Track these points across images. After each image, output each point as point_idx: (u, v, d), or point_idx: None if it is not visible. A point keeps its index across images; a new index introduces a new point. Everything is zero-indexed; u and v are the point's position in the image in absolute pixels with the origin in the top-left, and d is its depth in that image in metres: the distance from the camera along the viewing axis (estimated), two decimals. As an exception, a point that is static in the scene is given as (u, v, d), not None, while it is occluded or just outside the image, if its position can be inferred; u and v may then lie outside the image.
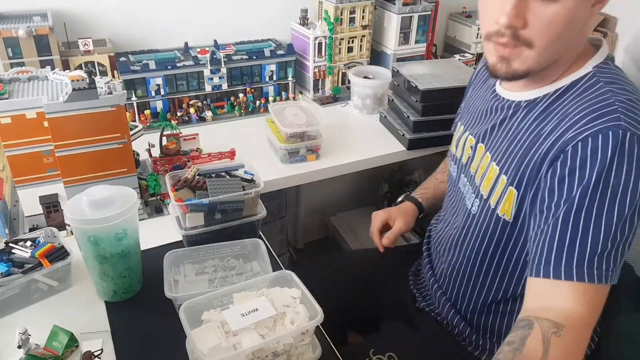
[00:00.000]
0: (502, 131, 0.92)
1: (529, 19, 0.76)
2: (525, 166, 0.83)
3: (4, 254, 0.97)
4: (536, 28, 0.77)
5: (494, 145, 0.93)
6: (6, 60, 1.42)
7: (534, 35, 0.77)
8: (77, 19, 1.59)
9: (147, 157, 1.34)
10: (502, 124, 0.92)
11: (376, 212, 1.23)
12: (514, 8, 0.75)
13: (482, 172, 0.94)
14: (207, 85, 1.63)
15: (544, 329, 0.71)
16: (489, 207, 0.91)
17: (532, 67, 0.81)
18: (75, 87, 1.00)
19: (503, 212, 0.88)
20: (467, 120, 1.06)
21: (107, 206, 0.91)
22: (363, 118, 1.72)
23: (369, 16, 1.79)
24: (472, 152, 0.99)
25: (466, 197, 1.00)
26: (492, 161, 0.91)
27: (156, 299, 0.94)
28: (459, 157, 1.05)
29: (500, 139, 0.91)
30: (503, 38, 0.79)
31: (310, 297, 0.86)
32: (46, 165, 1.08)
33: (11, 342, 0.85)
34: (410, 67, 1.57)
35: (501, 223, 0.89)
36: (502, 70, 0.82)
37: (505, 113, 0.92)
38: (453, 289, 1.05)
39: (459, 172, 1.05)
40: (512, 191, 0.86)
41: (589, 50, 0.87)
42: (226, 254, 1.06)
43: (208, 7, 1.74)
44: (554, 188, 0.77)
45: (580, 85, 0.83)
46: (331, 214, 2.33)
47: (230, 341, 0.80)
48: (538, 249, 0.77)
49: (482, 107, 1.01)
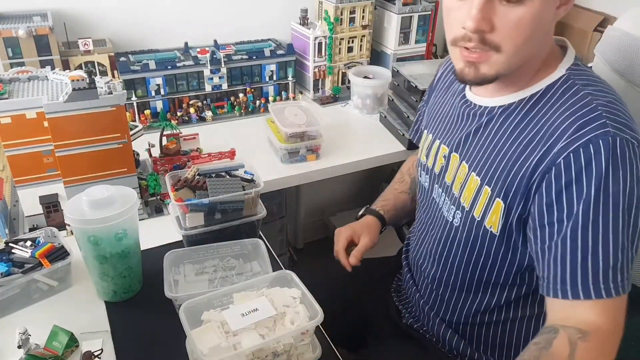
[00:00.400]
0: (478, 140, 0.89)
1: (496, 22, 0.75)
2: (512, 177, 0.82)
3: (4, 254, 0.97)
4: (503, 32, 0.75)
5: (471, 154, 0.90)
6: (6, 60, 1.42)
7: (501, 39, 0.76)
8: (77, 19, 1.59)
9: (147, 157, 1.34)
10: (477, 132, 0.90)
11: (338, 229, 1.18)
12: (480, 12, 0.74)
13: (461, 182, 0.92)
14: (207, 85, 1.63)
15: (570, 333, 0.72)
16: (474, 219, 0.89)
17: (501, 71, 0.79)
18: (75, 87, 1.00)
19: (490, 225, 0.86)
20: (434, 127, 1.03)
21: (107, 206, 0.91)
22: (363, 118, 1.72)
23: (369, 16, 1.79)
24: (445, 161, 0.97)
25: (443, 208, 0.97)
26: (472, 171, 0.89)
27: (156, 299, 0.94)
28: (430, 166, 1.02)
29: (477, 148, 0.89)
30: (470, 42, 0.77)
31: (311, 297, 0.86)
32: (46, 165, 1.08)
33: (11, 342, 0.85)
34: (410, 67, 1.58)
35: (488, 235, 0.88)
36: (470, 75, 0.81)
37: (479, 120, 0.90)
38: (440, 302, 1.02)
39: (431, 182, 1.02)
40: (499, 203, 0.84)
41: (556, 52, 0.86)
42: (226, 254, 1.06)
43: (208, 7, 1.74)
44: (552, 202, 0.76)
45: (557, 90, 0.82)
46: (331, 214, 2.33)
47: (230, 341, 0.80)
48: (550, 268, 0.76)
49: (450, 113, 0.99)
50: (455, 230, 0.94)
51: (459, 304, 0.99)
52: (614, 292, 0.73)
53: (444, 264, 0.99)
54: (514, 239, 0.86)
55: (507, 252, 0.88)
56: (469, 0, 0.76)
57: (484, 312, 0.96)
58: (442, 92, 1.06)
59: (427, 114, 1.11)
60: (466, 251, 0.93)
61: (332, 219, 2.30)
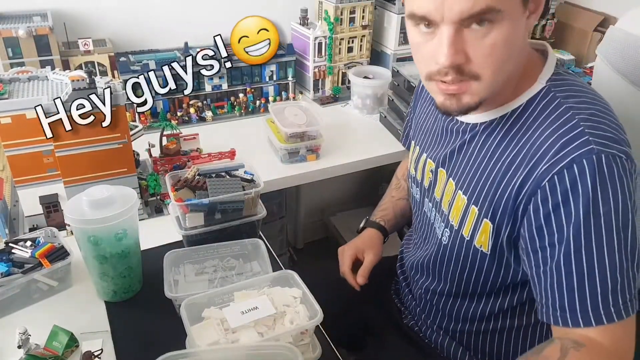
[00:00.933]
0: (462, 157, 0.88)
1: (470, 52, 0.71)
2: (498, 198, 0.80)
3: (4, 254, 0.97)
4: (479, 60, 0.72)
5: (456, 172, 0.89)
6: (6, 60, 1.42)
7: (479, 68, 0.72)
8: (77, 19, 1.59)
9: (147, 157, 1.34)
10: (461, 149, 0.88)
11: (342, 248, 1.15)
12: (452, 46, 0.70)
13: (449, 200, 0.90)
14: (207, 85, 1.63)
15: (563, 343, 0.71)
16: (463, 238, 0.88)
17: (484, 97, 0.76)
18: (75, 87, 1.00)
19: (480, 244, 0.85)
20: (421, 140, 1.02)
21: (107, 206, 0.91)
22: (363, 118, 1.72)
23: (369, 16, 1.79)
24: (433, 176, 0.96)
25: (435, 224, 0.96)
26: (458, 189, 0.88)
27: (156, 299, 0.94)
28: (419, 180, 1.01)
29: (462, 166, 0.88)
30: (447, 77, 0.74)
31: (311, 297, 0.87)
32: (46, 165, 1.08)
33: (11, 342, 0.85)
34: (410, 67, 1.57)
35: (479, 254, 0.86)
36: (453, 106, 0.77)
37: (462, 137, 0.88)
38: (436, 311, 1.02)
39: (422, 195, 1.01)
40: (487, 224, 0.82)
41: (535, 60, 0.83)
42: (226, 254, 1.06)
43: (208, 7, 1.74)
44: (542, 226, 0.74)
45: (537, 104, 0.79)
46: (331, 214, 2.33)
47: (229, 338, 0.80)
48: (548, 295, 0.74)
49: (435, 127, 0.97)
50: (445, 247, 0.93)
51: (454, 312, 0.98)
52: (615, 316, 0.70)
53: (438, 277, 0.98)
54: (506, 256, 0.84)
55: (499, 268, 0.86)
56: (437, 33, 0.72)
57: (480, 320, 0.95)
58: (427, 102, 1.04)
59: (414, 124, 1.09)
60: (458, 267, 0.92)
61: (332, 219, 2.30)
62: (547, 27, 1.92)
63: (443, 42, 0.71)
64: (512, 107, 0.81)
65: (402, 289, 1.14)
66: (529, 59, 0.83)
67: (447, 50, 0.70)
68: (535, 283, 0.77)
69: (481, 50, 0.71)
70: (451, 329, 1.00)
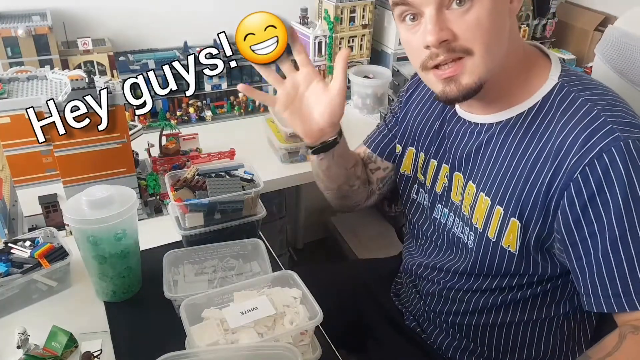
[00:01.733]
0: (481, 159, 0.88)
1: (455, 30, 0.74)
2: (526, 196, 0.81)
3: (3, 254, 0.97)
4: (467, 35, 0.74)
5: (476, 174, 0.89)
6: (5, 60, 1.41)
7: (468, 42, 0.74)
8: (77, 19, 1.59)
9: (146, 157, 1.34)
10: (479, 150, 0.88)
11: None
12: (436, 24, 0.73)
13: (470, 203, 0.90)
14: (206, 84, 1.63)
15: (622, 329, 0.72)
16: (489, 240, 0.87)
17: (482, 75, 0.77)
18: (74, 86, 1.00)
19: (508, 244, 0.85)
20: (425, 146, 1.01)
21: (107, 206, 0.90)
22: (363, 118, 1.72)
23: (369, 15, 1.79)
24: (447, 181, 0.95)
25: (454, 229, 0.95)
26: (480, 191, 0.88)
27: (155, 299, 0.93)
28: (429, 186, 1.00)
29: (482, 168, 0.88)
30: (439, 57, 0.75)
31: (311, 297, 0.86)
32: (45, 165, 1.08)
33: (10, 342, 0.84)
34: (410, 67, 1.57)
35: (507, 254, 0.86)
36: (454, 91, 0.78)
37: (479, 139, 0.88)
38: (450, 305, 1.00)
39: (432, 200, 1.00)
40: (515, 223, 0.83)
41: (539, 58, 0.85)
42: (226, 254, 1.06)
43: (207, 7, 1.74)
44: (580, 218, 0.75)
45: (553, 101, 0.80)
46: (331, 214, 2.33)
47: (229, 338, 0.80)
48: (596, 283, 0.75)
49: (443, 131, 0.96)
50: (470, 251, 0.92)
51: (470, 306, 0.97)
52: None
53: (459, 276, 0.97)
54: (533, 255, 0.85)
55: (527, 266, 0.87)
56: (422, 22, 0.75)
57: (496, 312, 0.95)
58: (424, 106, 1.03)
59: (407, 131, 1.06)
60: (484, 267, 0.91)
61: (332, 219, 2.30)
62: (548, 27, 1.92)
63: (427, 24, 0.74)
64: (527, 106, 0.83)
65: (406, 290, 1.14)
66: (532, 57, 0.84)
67: (432, 27, 0.73)
68: (578, 275, 0.77)
69: (465, 25, 0.73)
70: (465, 324, 0.99)
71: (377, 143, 1.14)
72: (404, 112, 1.09)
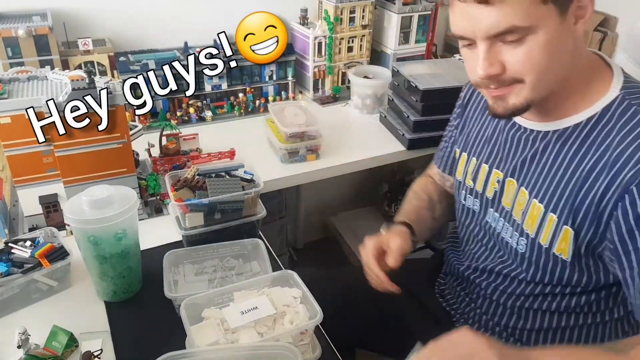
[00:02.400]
0: (536, 166, 0.89)
1: (507, 62, 0.76)
2: (579, 204, 0.81)
3: (3, 254, 0.97)
4: (517, 68, 0.76)
5: (530, 180, 0.90)
6: (6, 60, 1.41)
7: (518, 74, 0.77)
8: (77, 19, 1.59)
9: (146, 157, 1.34)
10: (534, 158, 0.89)
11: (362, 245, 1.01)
12: (486, 59, 0.76)
13: (522, 209, 0.91)
14: (206, 85, 1.63)
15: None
16: (540, 246, 0.88)
17: (530, 99, 0.79)
18: (74, 86, 1.00)
19: (560, 252, 0.86)
20: (478, 151, 1.02)
21: (107, 206, 0.91)
22: (363, 118, 1.72)
23: (369, 16, 1.79)
24: (499, 186, 0.96)
25: (503, 233, 0.96)
26: (533, 198, 0.88)
27: (156, 299, 0.94)
28: (480, 191, 1.01)
29: (537, 175, 0.88)
30: (490, 86, 0.80)
31: (311, 297, 0.86)
32: (46, 165, 1.08)
33: (11, 342, 0.85)
34: (410, 67, 1.57)
35: (560, 261, 0.87)
36: (501, 108, 0.82)
37: (534, 146, 0.89)
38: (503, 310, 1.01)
39: (483, 206, 1.01)
40: (568, 230, 0.83)
41: (601, 68, 0.85)
42: (226, 254, 1.06)
43: (207, 7, 1.74)
44: (633, 229, 0.75)
45: (613, 112, 0.81)
46: (331, 214, 2.33)
47: (229, 338, 0.80)
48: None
49: (497, 137, 0.98)
50: (522, 256, 0.93)
51: (522, 311, 0.97)
52: None
53: (510, 280, 0.97)
54: (585, 262, 0.86)
55: (580, 274, 0.87)
56: (476, 48, 0.77)
57: (550, 317, 0.95)
58: (479, 114, 1.04)
59: (464, 137, 1.08)
60: (538, 272, 0.92)
61: (332, 219, 2.30)
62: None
63: (479, 56, 0.77)
64: (586, 116, 0.83)
65: (452, 292, 1.13)
66: (595, 67, 0.84)
67: (482, 63, 0.77)
68: (629, 284, 0.78)
69: (516, 58, 0.75)
70: (519, 327, 0.99)
71: (444, 161, 1.18)
72: (463, 118, 1.10)
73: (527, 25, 0.72)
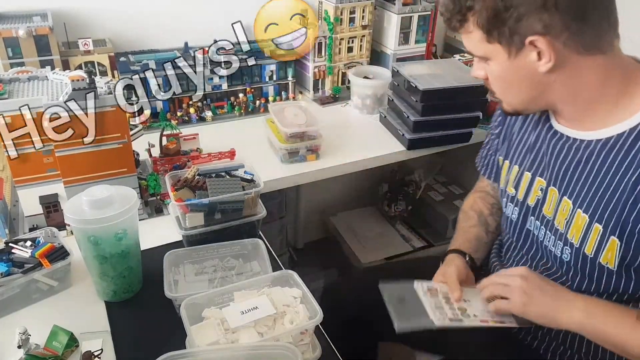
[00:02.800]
0: (580, 175, 0.88)
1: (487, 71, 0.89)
2: (627, 215, 0.81)
3: (4, 254, 0.97)
4: (490, 81, 0.90)
5: (573, 190, 0.89)
6: (6, 60, 1.41)
7: (490, 86, 0.92)
8: (77, 19, 1.59)
9: (147, 157, 1.34)
10: (578, 167, 0.89)
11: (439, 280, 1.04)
12: (474, 64, 0.93)
13: (565, 218, 0.90)
14: (206, 85, 1.63)
15: None
16: (586, 256, 0.88)
17: (516, 109, 0.92)
18: (75, 87, 1.00)
19: (606, 261, 0.86)
20: (520, 158, 1.02)
21: (107, 206, 0.91)
22: (363, 118, 1.72)
23: (369, 16, 1.79)
24: (542, 194, 0.96)
25: (545, 242, 0.96)
26: (577, 208, 0.88)
27: (156, 299, 0.94)
28: (521, 198, 1.01)
29: (581, 184, 0.88)
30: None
31: (311, 297, 0.87)
32: (46, 165, 1.08)
33: (11, 342, 0.85)
34: (410, 67, 1.57)
35: (606, 270, 0.87)
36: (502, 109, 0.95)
37: (578, 155, 0.89)
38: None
39: (523, 213, 1.01)
40: (615, 241, 0.83)
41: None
42: (226, 254, 1.06)
43: (208, 7, 1.74)
44: None
45: None
46: (331, 214, 2.33)
47: (229, 338, 0.80)
48: None
49: (539, 145, 0.98)
50: (567, 264, 0.93)
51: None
52: None
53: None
54: (633, 269, 0.85)
55: (627, 283, 0.87)
56: None
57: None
58: (520, 121, 1.05)
59: (507, 143, 1.09)
60: (585, 281, 0.91)
61: (332, 219, 2.30)
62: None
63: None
64: (629, 125, 0.83)
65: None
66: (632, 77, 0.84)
67: (472, 67, 0.94)
68: None
69: (489, 74, 0.90)
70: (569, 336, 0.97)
71: (490, 170, 1.19)
72: (505, 126, 1.10)
73: (480, 55, 0.87)
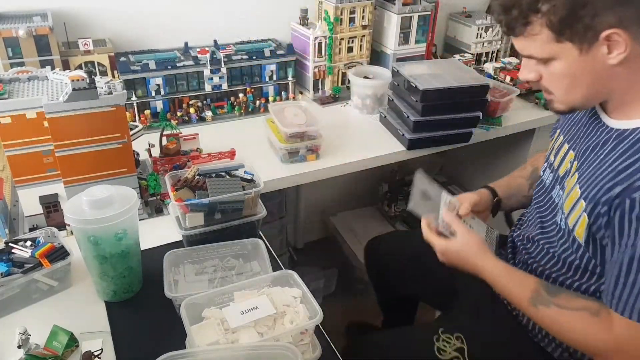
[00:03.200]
0: (592, 156, 0.93)
1: (542, 72, 0.90)
2: (600, 195, 0.85)
3: (4, 254, 0.98)
4: (545, 83, 0.91)
5: (582, 168, 0.94)
6: (6, 60, 1.42)
7: (547, 87, 0.92)
8: (77, 19, 1.59)
9: (147, 157, 1.34)
10: (595, 148, 0.93)
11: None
12: (524, 68, 0.92)
13: (569, 190, 0.96)
14: (207, 85, 1.63)
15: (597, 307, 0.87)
16: (567, 226, 0.95)
17: (570, 106, 0.92)
18: (75, 87, 1.00)
19: (577, 235, 0.92)
20: (566, 130, 1.07)
21: (107, 206, 0.91)
22: (363, 118, 1.72)
23: (369, 16, 1.79)
24: (570, 166, 1.00)
25: (558, 207, 1.01)
26: (577, 183, 0.93)
27: (156, 299, 0.94)
28: (556, 167, 1.06)
29: (588, 164, 0.93)
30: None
31: (311, 297, 0.87)
32: (46, 165, 1.08)
33: (11, 342, 0.85)
34: (410, 67, 1.57)
35: (576, 244, 0.94)
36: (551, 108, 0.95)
37: (599, 137, 0.93)
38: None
39: (553, 181, 1.06)
40: (585, 218, 0.89)
41: None
42: (226, 254, 1.06)
43: (208, 7, 1.74)
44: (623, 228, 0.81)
45: None
46: (331, 214, 2.33)
47: (229, 338, 0.80)
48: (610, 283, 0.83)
49: (582, 120, 1.02)
50: (563, 232, 0.98)
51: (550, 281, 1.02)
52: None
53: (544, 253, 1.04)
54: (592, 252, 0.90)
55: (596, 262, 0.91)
56: None
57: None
58: None
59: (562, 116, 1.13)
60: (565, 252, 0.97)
61: (332, 219, 2.30)
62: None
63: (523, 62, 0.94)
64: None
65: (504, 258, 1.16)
66: None
67: (521, 70, 0.94)
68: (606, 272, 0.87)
69: (544, 75, 0.90)
70: None
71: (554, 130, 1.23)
72: None
73: (543, 57, 0.86)
